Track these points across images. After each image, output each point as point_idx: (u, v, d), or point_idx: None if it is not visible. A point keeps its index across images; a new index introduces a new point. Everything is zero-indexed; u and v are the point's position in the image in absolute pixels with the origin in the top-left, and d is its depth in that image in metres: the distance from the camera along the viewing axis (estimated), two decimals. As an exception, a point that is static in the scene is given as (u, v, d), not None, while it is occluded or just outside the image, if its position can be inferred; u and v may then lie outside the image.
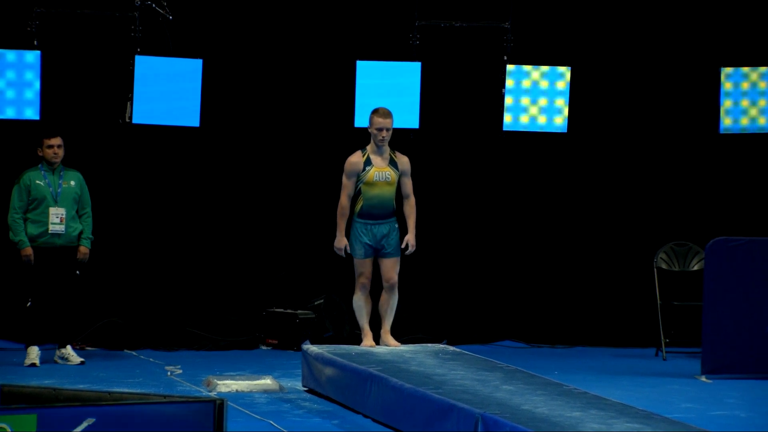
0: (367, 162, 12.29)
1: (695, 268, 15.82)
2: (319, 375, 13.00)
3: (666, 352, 15.58)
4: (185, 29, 15.71)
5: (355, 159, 12.31)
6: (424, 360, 12.72)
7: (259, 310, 16.09)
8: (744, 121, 16.05)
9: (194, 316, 16.08)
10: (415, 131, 15.67)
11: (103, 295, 15.80)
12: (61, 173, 14.11)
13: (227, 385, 12.81)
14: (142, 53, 15.14)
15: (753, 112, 16.08)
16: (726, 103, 15.94)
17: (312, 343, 13.84)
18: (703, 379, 14.11)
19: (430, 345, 13.90)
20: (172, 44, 15.37)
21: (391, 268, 12.58)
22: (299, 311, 15.87)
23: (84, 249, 14.08)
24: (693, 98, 16.75)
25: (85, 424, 7.34)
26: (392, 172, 12.37)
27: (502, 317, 16.97)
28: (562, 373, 13.69)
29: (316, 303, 15.93)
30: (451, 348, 13.72)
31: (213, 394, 12.01)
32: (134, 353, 15.46)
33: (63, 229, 13.98)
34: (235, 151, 16.30)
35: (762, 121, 16.03)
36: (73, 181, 14.15)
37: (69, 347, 14.26)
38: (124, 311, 15.85)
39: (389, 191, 12.42)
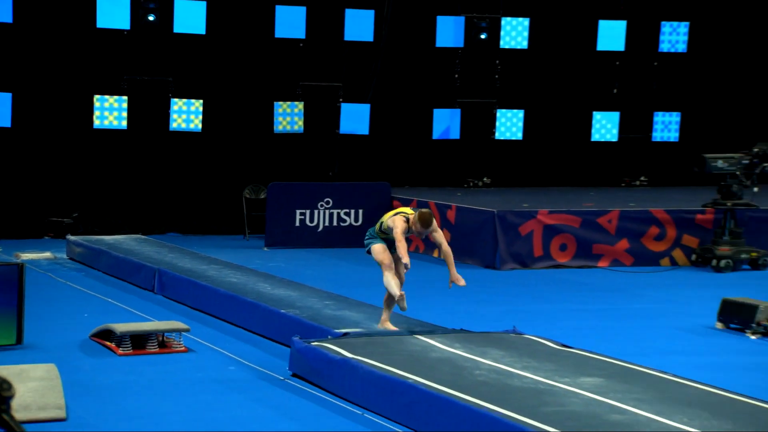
0: (408, 231, 7.84)
1: (262, 196, 15.39)
2: (74, 250, 13.20)
3: (249, 236, 15.34)
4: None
5: (405, 227, 7.77)
6: (131, 243, 13.03)
7: (45, 218, 15.26)
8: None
9: (9, 222, 14.94)
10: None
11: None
12: None
13: (27, 256, 12.98)
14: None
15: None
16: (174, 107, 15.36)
17: (72, 235, 13.83)
18: (266, 249, 14.41)
19: (132, 235, 14.13)
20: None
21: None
22: (65, 219, 15.18)
23: None
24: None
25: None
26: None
27: (169, 217, 15.78)
28: (200, 248, 13.42)
29: (73, 215, 15.23)
30: (144, 236, 14.00)
31: (19, 261, 11.51)
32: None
33: None
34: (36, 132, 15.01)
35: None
36: None
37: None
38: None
39: None
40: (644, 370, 6.82)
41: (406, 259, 7.78)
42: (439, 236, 8.01)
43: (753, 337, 9.07)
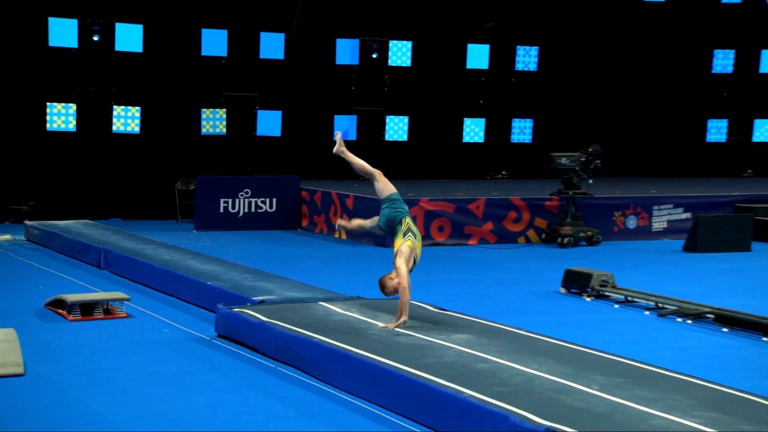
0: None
1: (192, 188, 14.94)
2: (31, 233, 12.85)
3: (180, 221, 15.04)
4: None
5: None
6: (80, 227, 12.66)
7: (6, 206, 14.94)
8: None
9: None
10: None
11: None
12: None
13: (-12, 239, 12.74)
14: None
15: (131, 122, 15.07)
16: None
17: (29, 221, 13.43)
18: (195, 231, 14.08)
19: (81, 220, 13.74)
20: None
21: None
22: (23, 206, 14.86)
23: None
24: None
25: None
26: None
27: (112, 205, 15.45)
28: (139, 231, 12.99)
29: (30, 203, 14.90)
30: (92, 222, 13.52)
31: (-17, 243, 11.27)
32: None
33: None
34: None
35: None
36: None
37: None
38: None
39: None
40: (504, 327, 6.91)
41: (403, 319, 6.51)
42: (398, 263, 6.59)
43: (588, 300, 9.23)
